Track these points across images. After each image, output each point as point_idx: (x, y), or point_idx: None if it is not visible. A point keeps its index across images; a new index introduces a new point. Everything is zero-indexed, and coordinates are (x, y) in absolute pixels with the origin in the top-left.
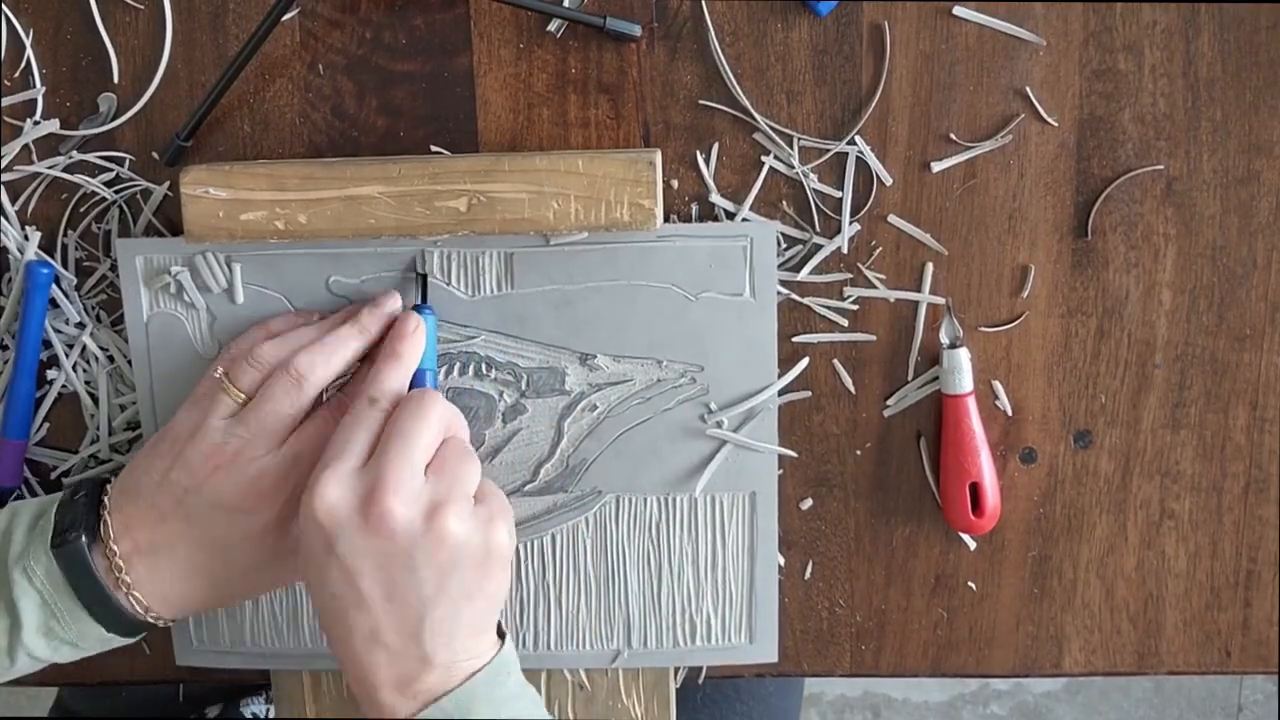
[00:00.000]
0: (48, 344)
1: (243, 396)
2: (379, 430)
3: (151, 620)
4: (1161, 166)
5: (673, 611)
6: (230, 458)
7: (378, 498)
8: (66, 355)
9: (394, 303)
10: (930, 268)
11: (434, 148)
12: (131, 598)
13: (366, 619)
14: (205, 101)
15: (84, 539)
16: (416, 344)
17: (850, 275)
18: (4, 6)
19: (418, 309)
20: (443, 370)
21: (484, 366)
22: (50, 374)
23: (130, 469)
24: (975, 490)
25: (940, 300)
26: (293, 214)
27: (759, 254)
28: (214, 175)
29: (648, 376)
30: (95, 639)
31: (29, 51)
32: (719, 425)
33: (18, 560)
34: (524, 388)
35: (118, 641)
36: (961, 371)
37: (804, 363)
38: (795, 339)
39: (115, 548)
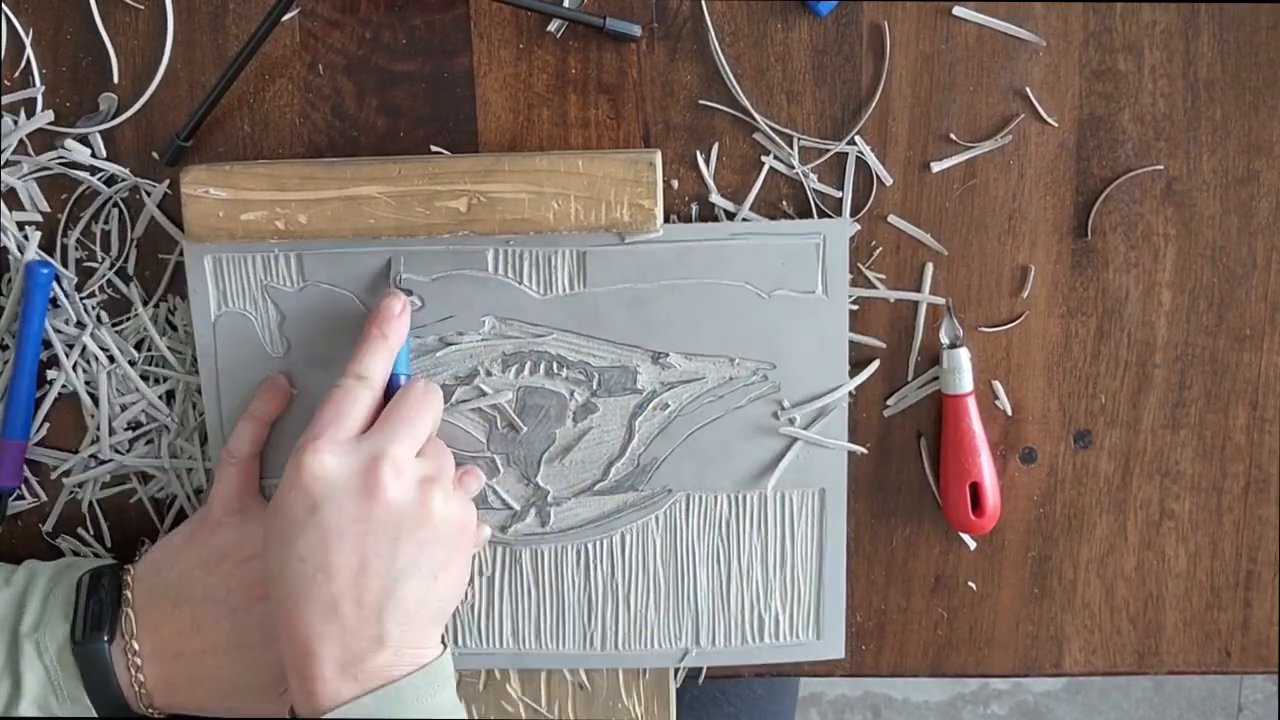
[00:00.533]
0: (47, 344)
1: None
2: (370, 407)
3: (148, 713)
4: (1161, 166)
5: (741, 609)
6: None
7: (378, 469)
8: (66, 355)
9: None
10: (930, 268)
11: (434, 148)
12: (140, 692)
13: (329, 588)
14: (205, 101)
15: (106, 638)
16: (402, 326)
17: (850, 275)
18: (4, 6)
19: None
20: (512, 369)
21: (555, 365)
22: (50, 374)
23: (164, 566)
24: (975, 490)
25: (940, 300)
26: (293, 214)
27: (832, 251)
28: (214, 175)
29: (720, 374)
30: None
31: (29, 51)
32: (791, 423)
33: (31, 632)
34: (595, 387)
35: None
36: (961, 371)
37: (874, 365)
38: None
39: (137, 645)
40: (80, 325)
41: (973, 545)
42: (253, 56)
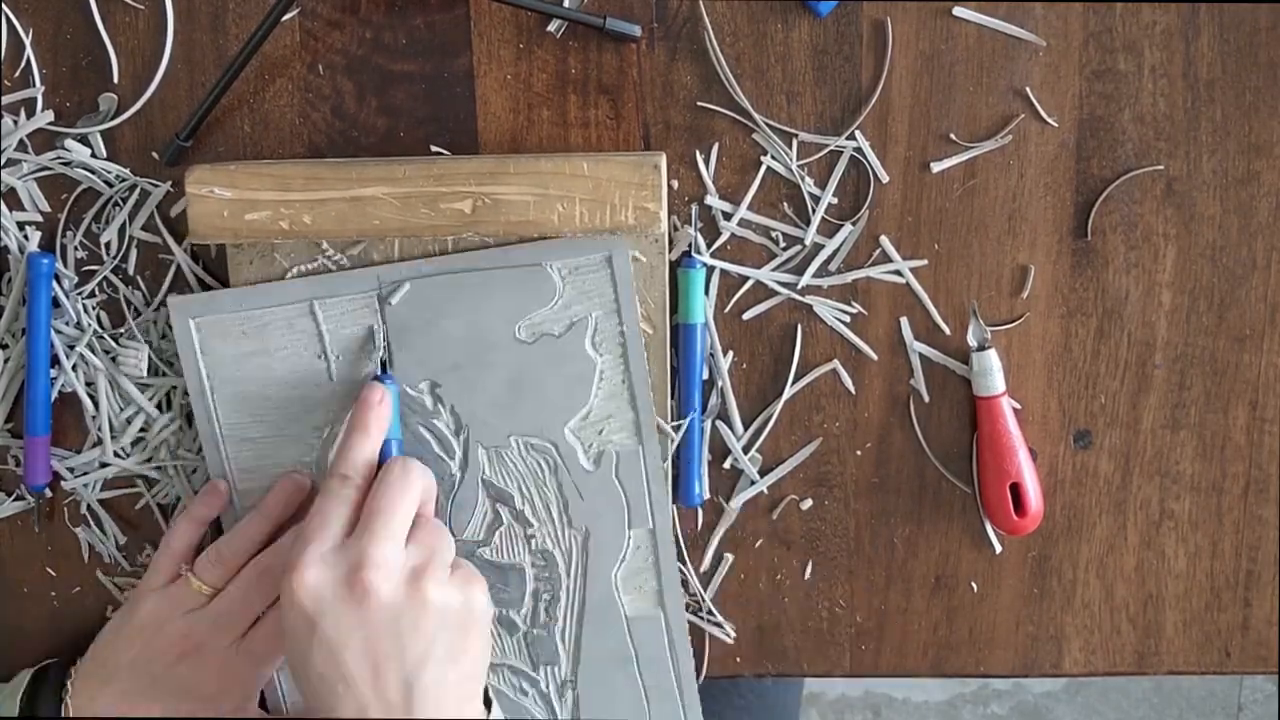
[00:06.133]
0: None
1: (209, 591)
2: (355, 505)
3: None
4: (1161, 167)
5: None
6: (194, 648)
7: (361, 574)
8: (67, 355)
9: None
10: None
11: (434, 148)
12: None
13: (353, 697)
14: (205, 101)
15: None
16: (383, 416)
17: (853, 276)
18: (4, 6)
19: (380, 379)
20: None
21: None
22: (50, 373)
23: (97, 650)
24: (1016, 491)
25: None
26: (297, 214)
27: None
28: (218, 175)
29: None
30: None
31: (29, 51)
32: None
33: None
34: None
35: None
36: (992, 373)
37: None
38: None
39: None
40: (80, 327)
41: (999, 548)
42: (253, 56)
